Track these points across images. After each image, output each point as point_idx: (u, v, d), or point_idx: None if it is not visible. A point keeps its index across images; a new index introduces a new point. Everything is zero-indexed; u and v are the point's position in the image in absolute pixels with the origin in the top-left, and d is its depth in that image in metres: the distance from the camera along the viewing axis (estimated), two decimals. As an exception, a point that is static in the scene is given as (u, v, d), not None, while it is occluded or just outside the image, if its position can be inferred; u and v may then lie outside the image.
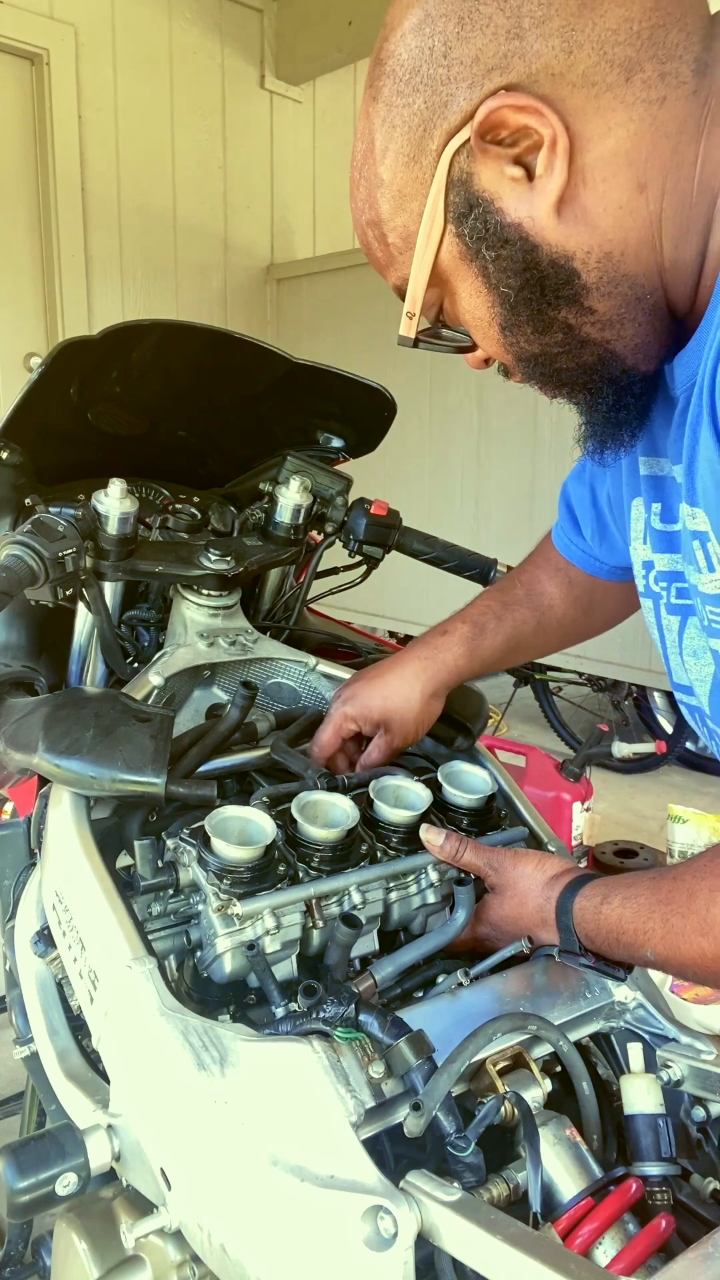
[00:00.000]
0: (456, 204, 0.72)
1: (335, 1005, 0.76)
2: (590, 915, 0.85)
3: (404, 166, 0.73)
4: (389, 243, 0.77)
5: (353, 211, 0.80)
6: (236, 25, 4.28)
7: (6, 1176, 0.73)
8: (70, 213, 3.84)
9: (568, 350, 0.76)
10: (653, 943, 0.79)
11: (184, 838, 0.91)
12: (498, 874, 0.95)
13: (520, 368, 0.80)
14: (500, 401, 3.72)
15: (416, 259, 0.75)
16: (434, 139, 0.70)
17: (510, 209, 0.70)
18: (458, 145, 0.70)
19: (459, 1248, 0.63)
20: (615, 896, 0.83)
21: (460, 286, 0.77)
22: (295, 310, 4.51)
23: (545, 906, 0.90)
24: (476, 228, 0.72)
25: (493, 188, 0.70)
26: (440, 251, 0.75)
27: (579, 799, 2.53)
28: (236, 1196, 0.68)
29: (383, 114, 0.72)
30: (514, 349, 0.78)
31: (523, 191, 0.70)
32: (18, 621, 1.27)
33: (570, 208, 0.69)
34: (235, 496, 1.41)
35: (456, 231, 0.73)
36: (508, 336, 0.77)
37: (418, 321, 0.80)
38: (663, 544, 0.90)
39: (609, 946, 0.84)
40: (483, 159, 0.69)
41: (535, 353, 0.77)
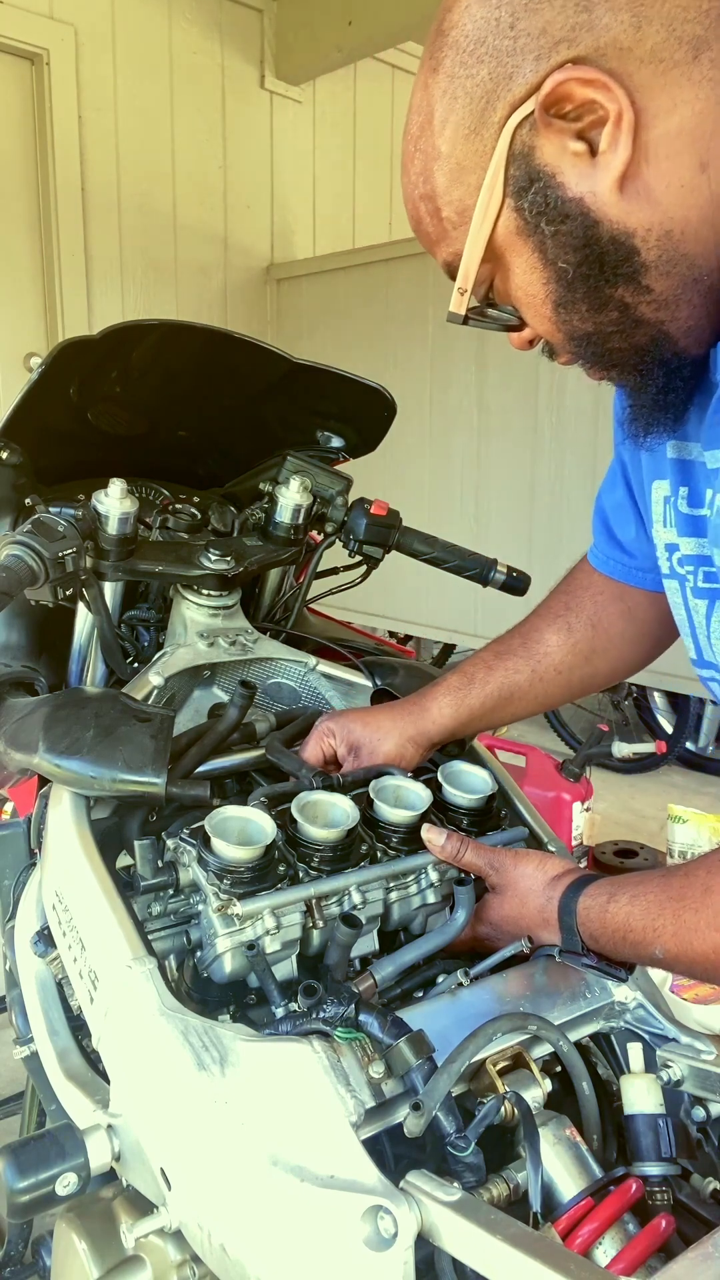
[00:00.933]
0: (516, 178, 0.71)
1: (335, 1005, 0.76)
2: (596, 914, 0.85)
3: (464, 139, 0.72)
4: (443, 217, 0.76)
5: (404, 186, 0.79)
6: (236, 25, 4.28)
7: (6, 1176, 0.73)
8: (70, 213, 3.83)
9: (621, 330, 0.75)
10: (663, 940, 0.79)
11: (184, 838, 0.91)
12: (498, 874, 0.95)
13: (571, 346, 0.79)
14: (500, 401, 3.72)
15: (472, 233, 0.74)
16: (497, 111, 0.70)
17: (571, 184, 0.70)
18: (521, 118, 0.69)
19: (459, 1248, 0.63)
20: (622, 895, 0.83)
21: (515, 262, 0.76)
22: (295, 310, 4.51)
23: (547, 907, 0.90)
24: (536, 202, 0.71)
25: (554, 162, 0.70)
26: (497, 226, 0.74)
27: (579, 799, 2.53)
28: (236, 1196, 0.68)
29: (444, 85, 0.72)
30: (566, 327, 0.77)
31: (585, 167, 0.69)
32: (18, 621, 1.27)
33: (632, 184, 0.69)
34: (235, 496, 1.41)
35: (515, 205, 0.72)
36: (561, 314, 0.76)
37: (468, 298, 0.78)
38: (688, 527, 0.89)
39: (614, 946, 0.84)
40: (546, 133, 0.69)
41: (588, 331, 0.76)
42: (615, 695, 3.98)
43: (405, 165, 0.78)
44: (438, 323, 3.85)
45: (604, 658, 1.14)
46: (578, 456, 3.47)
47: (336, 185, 4.84)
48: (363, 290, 4.12)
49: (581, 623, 1.13)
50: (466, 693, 1.11)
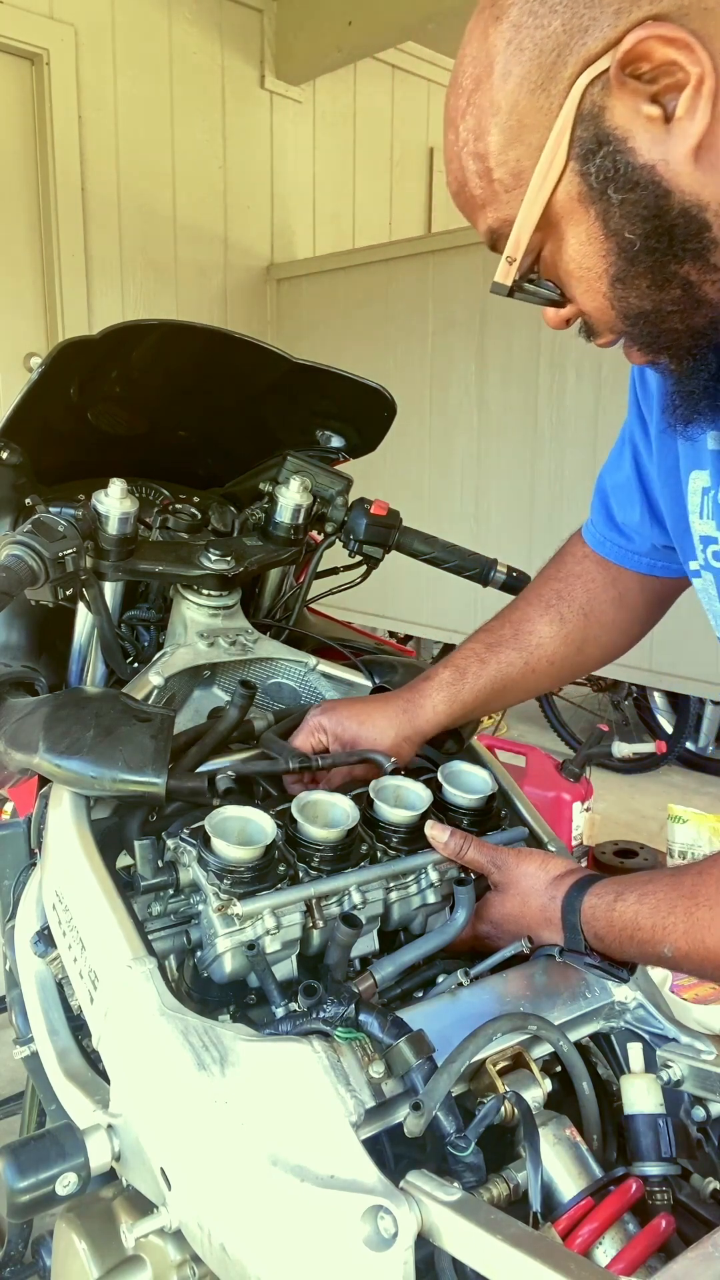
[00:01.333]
0: (583, 139, 0.67)
1: (335, 1005, 0.76)
2: (602, 913, 0.85)
3: (528, 94, 0.67)
4: (494, 178, 0.71)
5: (449, 144, 0.74)
6: (236, 25, 4.28)
7: (6, 1176, 0.73)
8: (70, 213, 3.84)
9: (681, 310, 0.71)
10: (673, 938, 0.78)
11: (184, 838, 0.91)
12: (501, 872, 0.95)
13: (624, 325, 0.74)
14: (500, 401, 3.72)
15: (529, 197, 0.69)
16: (568, 66, 0.65)
17: (643, 150, 0.65)
18: (593, 76, 0.65)
19: (459, 1248, 0.63)
20: (629, 894, 0.83)
21: (571, 231, 0.71)
22: (295, 310, 4.51)
23: (549, 906, 0.90)
24: (604, 167, 0.66)
25: (626, 125, 0.65)
26: (556, 191, 0.69)
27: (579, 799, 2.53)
28: (237, 1196, 0.68)
29: (508, 35, 0.67)
30: (622, 304, 0.73)
31: (658, 132, 0.65)
32: (18, 621, 1.27)
33: (708, 155, 0.65)
34: (235, 496, 1.41)
35: (580, 170, 0.68)
36: (618, 290, 0.72)
37: (516, 268, 0.73)
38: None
39: (620, 944, 0.84)
40: (619, 93, 0.64)
41: (646, 310, 0.72)
42: (615, 695, 3.98)
43: (452, 120, 0.72)
44: (438, 323, 3.85)
45: (595, 645, 1.14)
46: (578, 456, 3.47)
47: (336, 185, 4.84)
48: (363, 290, 4.12)
49: (574, 612, 1.11)
50: (460, 687, 1.10)
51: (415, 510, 1.87)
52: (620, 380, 1.09)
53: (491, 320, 3.64)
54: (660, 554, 1.08)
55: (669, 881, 0.81)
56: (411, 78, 5.01)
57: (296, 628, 1.38)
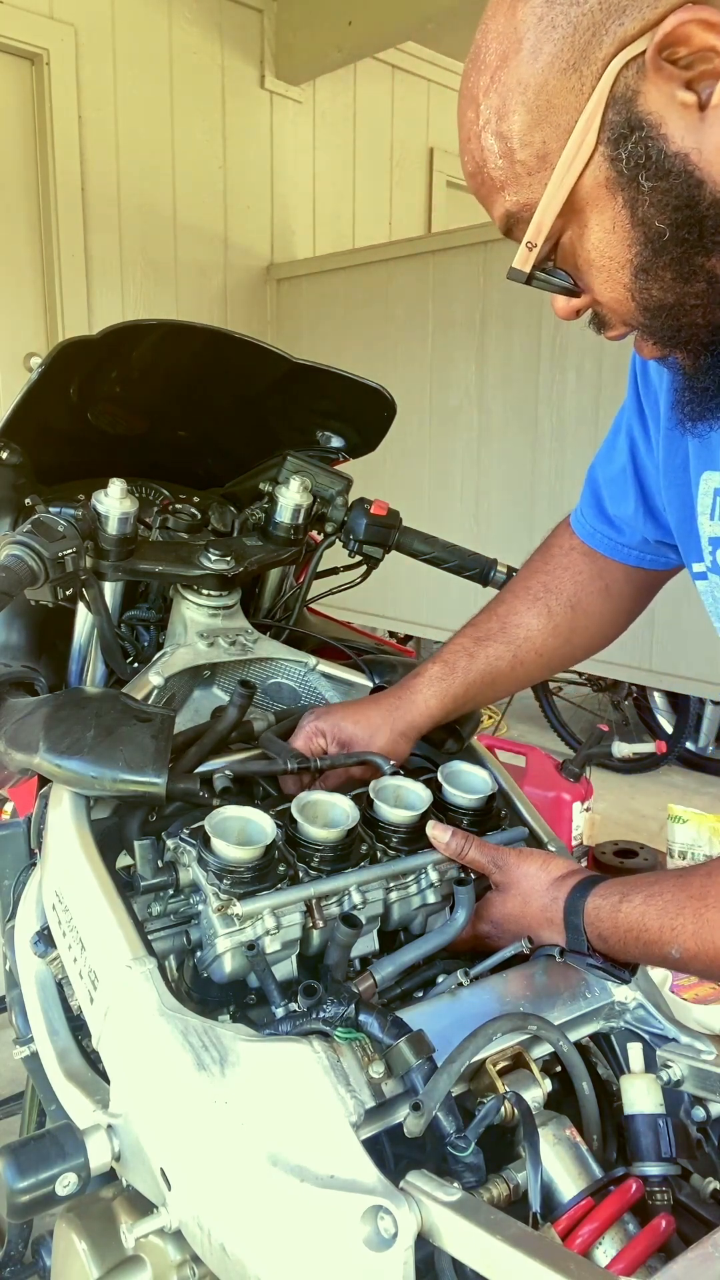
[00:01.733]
0: (615, 124, 0.65)
1: (335, 1005, 0.76)
2: (606, 915, 0.85)
3: (559, 73, 0.64)
4: (516, 159, 0.68)
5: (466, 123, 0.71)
6: (236, 25, 4.28)
7: (6, 1176, 0.73)
8: (70, 213, 3.84)
9: (704, 304, 0.70)
10: (681, 939, 0.78)
11: (184, 838, 0.91)
12: (501, 872, 0.95)
13: (643, 318, 0.73)
14: (500, 402, 3.72)
15: (554, 180, 0.67)
16: (603, 47, 0.63)
17: (676, 137, 0.64)
18: (629, 58, 0.63)
19: (459, 1248, 0.63)
20: (635, 895, 0.83)
21: (596, 219, 0.69)
22: (295, 310, 4.51)
23: (551, 906, 0.90)
24: (636, 153, 0.65)
25: (660, 111, 0.64)
26: (584, 176, 0.67)
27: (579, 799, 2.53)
28: (236, 1196, 0.68)
29: (539, 11, 0.64)
30: (643, 295, 0.71)
31: (691, 120, 0.63)
32: (18, 621, 1.27)
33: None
34: (235, 496, 1.41)
35: (610, 155, 0.66)
36: (640, 280, 0.70)
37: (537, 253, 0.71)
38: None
39: (625, 946, 0.84)
40: (655, 77, 0.63)
41: (669, 303, 0.70)
42: (615, 695, 3.98)
43: (472, 97, 0.70)
44: (438, 322, 3.85)
45: (582, 635, 1.14)
46: (578, 456, 3.46)
47: (336, 185, 4.83)
48: (363, 290, 4.12)
49: (561, 605, 1.12)
50: (450, 681, 1.10)
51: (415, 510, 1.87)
52: (620, 381, 1.09)
53: (491, 320, 3.64)
54: (650, 547, 1.08)
55: (676, 883, 0.81)
56: (411, 78, 5.02)
57: (296, 628, 1.38)
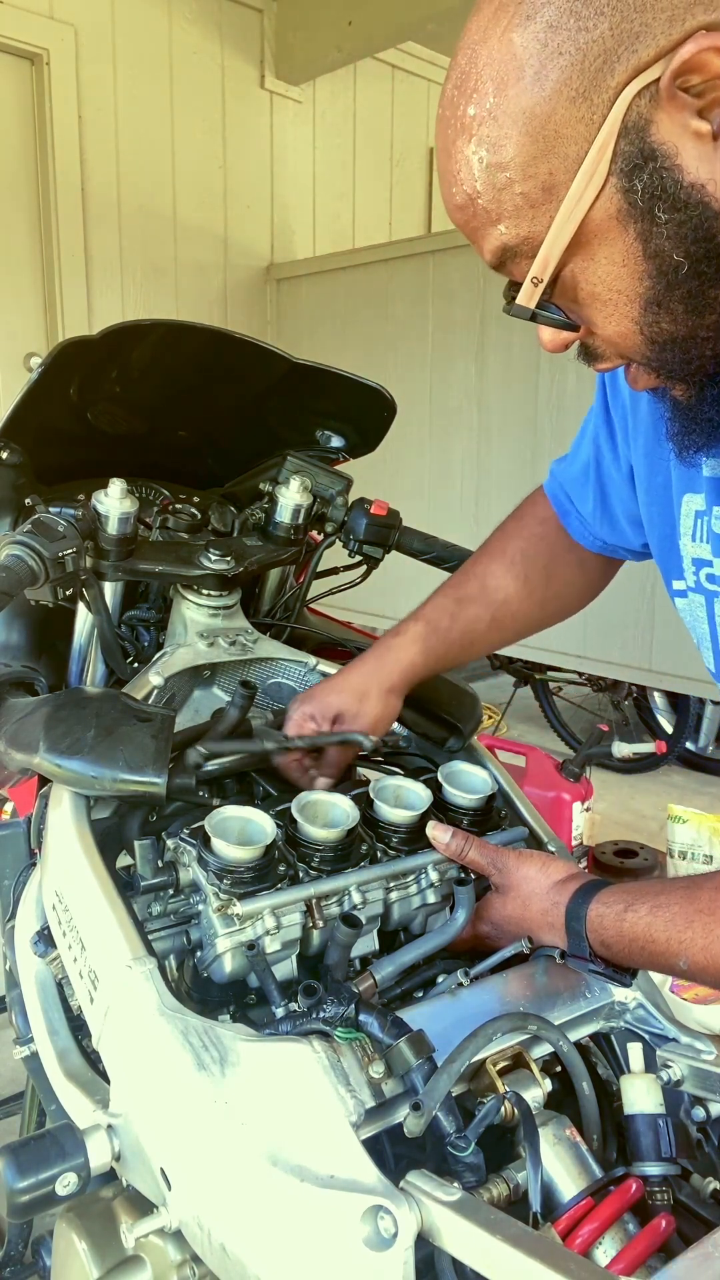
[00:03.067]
0: (628, 154, 0.62)
1: (335, 1005, 0.76)
2: (610, 923, 0.85)
3: (568, 101, 0.62)
4: (516, 192, 0.65)
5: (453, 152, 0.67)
6: (236, 25, 4.28)
7: (6, 1176, 0.73)
8: (70, 213, 3.83)
9: (715, 336, 0.68)
10: (690, 952, 0.79)
11: (184, 838, 0.92)
12: (501, 874, 0.95)
13: (649, 351, 0.71)
14: (500, 401, 3.72)
15: (563, 214, 0.65)
16: (615, 74, 0.61)
17: (690, 167, 0.62)
18: (642, 85, 0.61)
19: (459, 1248, 0.63)
20: (641, 905, 0.83)
21: (604, 252, 0.67)
22: (295, 310, 4.50)
23: (551, 911, 0.90)
24: (651, 184, 0.63)
25: (673, 140, 0.62)
26: (593, 208, 0.64)
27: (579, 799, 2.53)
28: (236, 1196, 0.68)
29: (543, 38, 0.62)
30: (652, 329, 0.69)
31: (705, 149, 0.62)
32: (18, 621, 1.27)
33: None
34: (235, 496, 1.41)
35: (623, 186, 0.63)
36: (649, 314, 0.68)
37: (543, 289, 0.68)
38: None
39: (630, 954, 0.84)
40: (669, 105, 0.61)
41: (679, 336, 0.69)
42: (615, 695, 3.98)
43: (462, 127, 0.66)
44: (438, 322, 3.85)
45: (556, 602, 1.18)
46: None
47: (336, 185, 4.83)
48: (363, 290, 4.12)
49: (538, 572, 1.15)
50: (432, 640, 1.12)
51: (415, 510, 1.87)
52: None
53: (491, 320, 3.64)
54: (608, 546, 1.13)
55: (684, 895, 0.81)
56: (411, 78, 5.02)
57: (297, 628, 1.38)
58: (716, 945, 0.77)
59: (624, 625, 3.37)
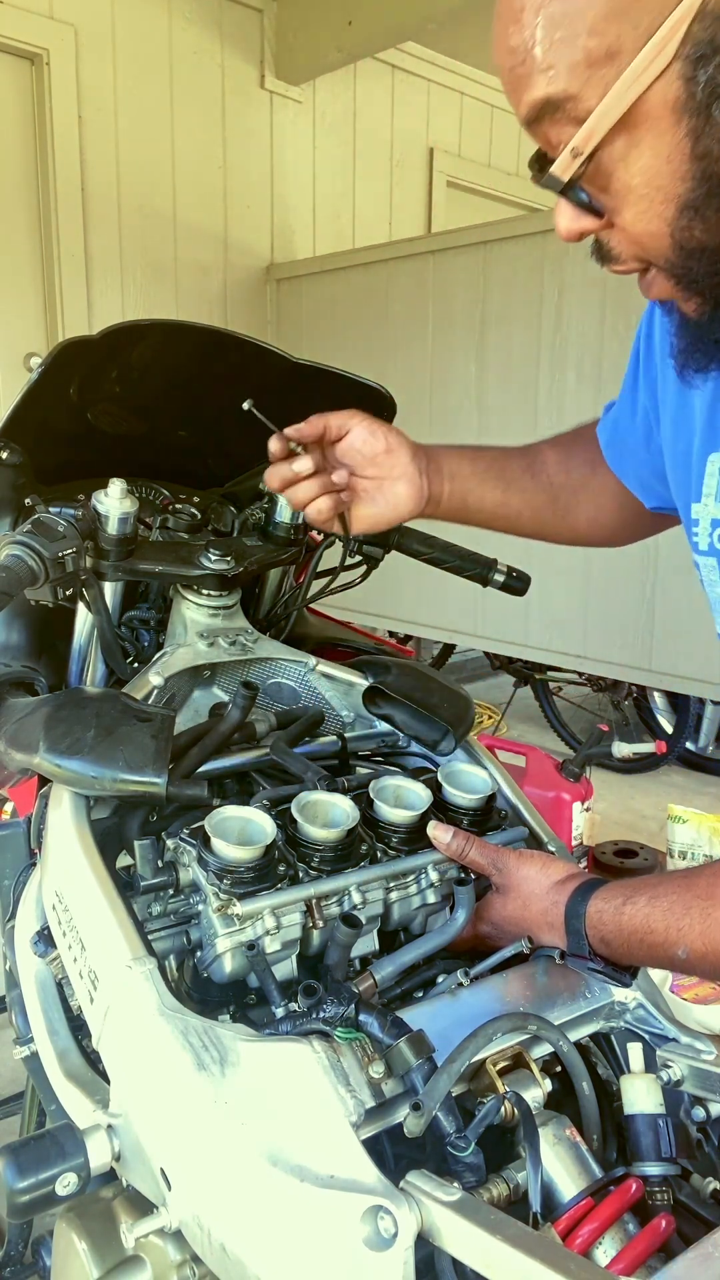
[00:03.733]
0: (700, 40, 0.59)
1: (335, 1005, 0.76)
2: (609, 918, 0.85)
3: None
4: (579, 45, 0.61)
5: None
6: (236, 25, 4.28)
7: (6, 1176, 0.73)
8: (70, 213, 3.84)
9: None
10: (688, 939, 0.78)
11: (184, 838, 0.92)
12: (501, 874, 0.95)
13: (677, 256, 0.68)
14: (500, 401, 3.72)
15: (620, 84, 0.61)
16: None
17: None
18: None
19: (459, 1248, 0.63)
20: (639, 898, 0.83)
21: (650, 141, 0.63)
22: (295, 310, 4.51)
23: (551, 910, 0.90)
24: (714, 79, 0.60)
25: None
26: (651, 89, 0.61)
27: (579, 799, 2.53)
28: (237, 1196, 0.68)
29: None
30: (683, 234, 0.66)
31: None
32: (18, 621, 1.27)
33: None
34: (235, 496, 1.41)
35: (687, 74, 0.60)
36: (685, 218, 0.65)
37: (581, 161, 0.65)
38: None
39: (629, 949, 0.84)
40: None
41: (710, 245, 0.66)
42: (615, 695, 3.98)
43: None
44: (438, 323, 3.85)
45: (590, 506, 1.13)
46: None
47: (336, 185, 4.83)
48: (363, 290, 4.12)
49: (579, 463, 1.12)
50: (473, 452, 1.09)
51: (415, 510, 1.87)
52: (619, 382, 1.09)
53: (491, 320, 3.64)
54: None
55: (681, 884, 0.81)
56: (411, 78, 5.02)
57: (296, 628, 1.38)
58: (715, 931, 0.77)
59: (624, 625, 3.37)
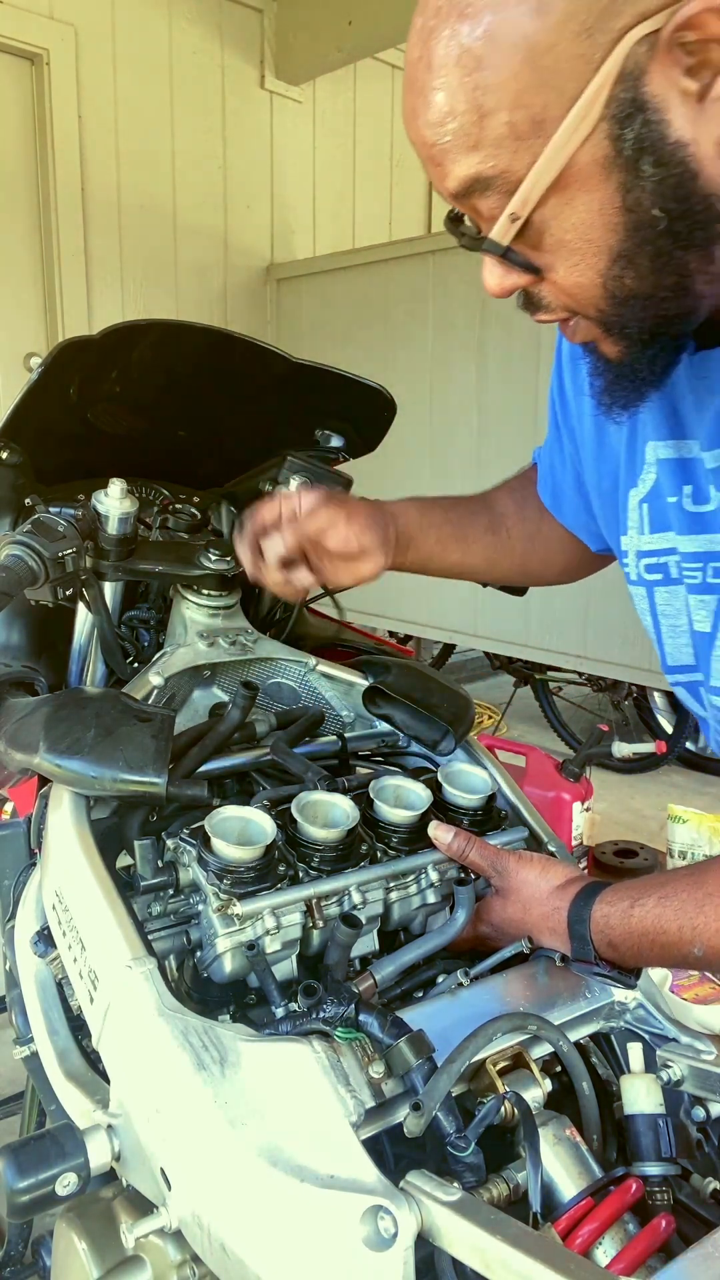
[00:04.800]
0: (622, 100, 0.61)
1: (335, 1005, 0.76)
2: (617, 921, 0.84)
3: (572, 36, 0.60)
4: (503, 120, 0.63)
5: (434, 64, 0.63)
6: (236, 25, 4.28)
7: (6, 1176, 0.73)
8: (70, 213, 3.84)
9: (672, 297, 0.68)
10: (704, 937, 0.78)
11: (184, 838, 0.92)
12: (501, 877, 0.95)
13: (608, 305, 0.70)
14: (500, 401, 3.72)
15: (551, 150, 0.63)
16: (621, 16, 0.59)
17: (677, 124, 0.62)
18: (645, 32, 0.59)
19: (459, 1248, 0.63)
20: (647, 899, 0.83)
21: (581, 198, 0.65)
22: (295, 310, 4.51)
23: (553, 916, 0.89)
24: (641, 135, 0.62)
25: (663, 95, 0.61)
26: (579, 151, 0.63)
27: (579, 799, 2.52)
28: (236, 1196, 0.68)
29: None
30: (616, 284, 0.68)
31: (691, 109, 0.61)
32: (18, 621, 1.27)
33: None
34: (235, 496, 1.41)
35: (613, 133, 0.62)
36: (615, 268, 0.67)
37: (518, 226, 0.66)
38: (696, 525, 0.86)
39: (639, 950, 0.84)
40: (664, 58, 0.60)
41: (640, 293, 0.68)
42: (615, 695, 3.98)
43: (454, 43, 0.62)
44: (438, 323, 3.85)
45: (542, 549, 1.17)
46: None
47: (336, 185, 4.84)
48: (363, 290, 4.12)
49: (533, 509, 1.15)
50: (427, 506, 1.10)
51: (415, 510, 1.87)
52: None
53: (491, 320, 3.64)
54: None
55: (691, 882, 0.81)
56: (411, 78, 5.02)
57: (296, 628, 1.38)
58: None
59: (624, 625, 3.37)
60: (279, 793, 1.00)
